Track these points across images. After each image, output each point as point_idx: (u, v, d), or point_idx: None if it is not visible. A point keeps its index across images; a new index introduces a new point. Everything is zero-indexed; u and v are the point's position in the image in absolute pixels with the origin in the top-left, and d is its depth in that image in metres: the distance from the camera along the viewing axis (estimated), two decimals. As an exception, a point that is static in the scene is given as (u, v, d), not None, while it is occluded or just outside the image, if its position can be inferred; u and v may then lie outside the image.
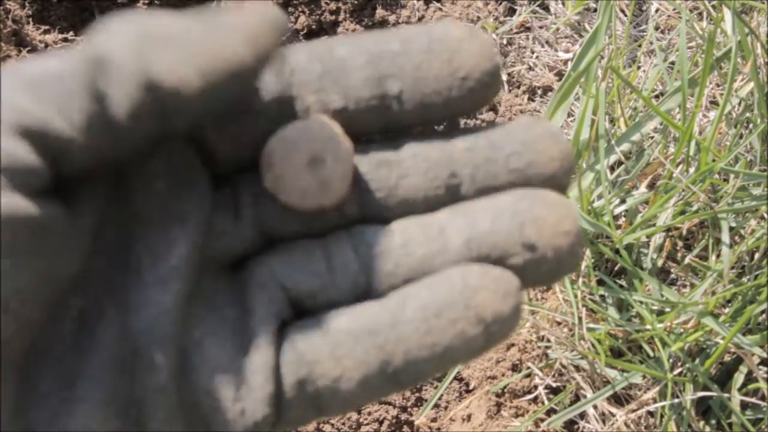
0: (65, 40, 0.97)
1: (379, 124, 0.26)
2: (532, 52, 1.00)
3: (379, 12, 0.99)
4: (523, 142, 0.26)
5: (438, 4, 1.00)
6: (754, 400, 0.77)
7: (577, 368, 0.81)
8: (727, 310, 0.77)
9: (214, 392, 0.24)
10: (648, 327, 0.77)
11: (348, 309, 0.25)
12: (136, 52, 0.22)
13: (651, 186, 0.83)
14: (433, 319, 0.24)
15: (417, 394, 0.90)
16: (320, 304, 0.26)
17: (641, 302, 0.77)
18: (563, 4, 1.02)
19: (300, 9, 0.99)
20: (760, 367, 0.77)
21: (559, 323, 0.83)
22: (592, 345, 0.79)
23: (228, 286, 0.26)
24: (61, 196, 0.22)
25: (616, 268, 0.84)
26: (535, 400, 0.83)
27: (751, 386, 0.76)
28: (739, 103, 0.85)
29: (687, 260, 0.80)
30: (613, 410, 0.78)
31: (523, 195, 0.25)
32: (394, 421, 0.88)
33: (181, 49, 0.22)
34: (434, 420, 0.89)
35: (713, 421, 0.78)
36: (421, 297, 0.24)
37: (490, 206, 0.25)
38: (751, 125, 0.83)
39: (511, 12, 1.02)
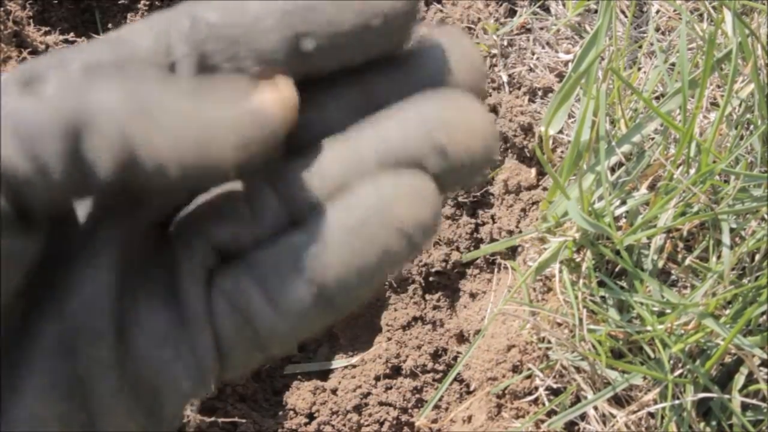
0: (66, 41, 0.97)
1: (295, 77, 0.25)
2: (533, 54, 1.01)
3: (380, 13, 0.99)
4: (436, 72, 0.26)
5: (438, 6, 1.00)
6: (754, 401, 0.77)
7: (578, 369, 0.81)
8: (727, 312, 0.77)
9: (155, 357, 0.24)
10: (649, 328, 0.77)
11: (272, 244, 0.25)
12: (122, 127, 0.22)
13: (652, 187, 0.83)
14: (356, 240, 0.24)
15: (417, 396, 0.90)
16: (244, 245, 0.26)
17: (642, 303, 0.77)
18: (564, 5, 1.02)
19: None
20: (761, 368, 0.77)
21: (559, 324, 0.83)
22: (593, 346, 0.79)
23: (153, 248, 0.26)
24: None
25: (616, 270, 0.84)
26: (535, 401, 0.83)
27: (752, 387, 0.76)
28: (740, 105, 0.85)
29: (687, 261, 0.80)
30: (614, 411, 0.78)
31: (432, 100, 0.25)
32: (394, 422, 0.88)
33: (169, 134, 0.22)
34: (435, 421, 0.89)
35: (714, 423, 0.78)
36: (341, 219, 0.24)
37: (399, 115, 0.25)
38: (751, 126, 0.83)
39: (512, 13, 1.03)
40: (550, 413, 0.82)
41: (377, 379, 0.90)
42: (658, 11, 1.00)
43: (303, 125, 0.26)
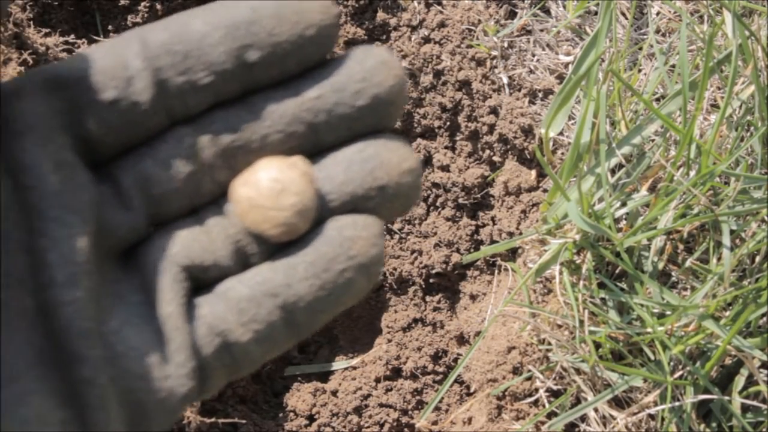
0: (66, 42, 0.97)
1: (242, 89, 0.28)
2: (533, 55, 1.01)
3: (380, 15, 0.99)
4: (363, 79, 0.29)
5: (439, 7, 1.00)
6: (754, 403, 0.77)
7: (578, 371, 0.81)
8: (728, 313, 0.77)
9: (144, 376, 0.26)
10: (649, 330, 0.77)
11: (243, 276, 0.28)
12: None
13: (652, 189, 0.83)
14: (324, 273, 0.28)
15: (418, 397, 0.90)
16: (213, 275, 0.28)
17: (642, 305, 0.77)
18: (564, 7, 1.02)
19: (301, 12, 0.99)
20: (761, 370, 0.77)
21: (560, 326, 0.83)
22: (595, 347, 0.79)
23: (126, 274, 0.28)
24: None
25: (617, 271, 0.84)
26: (536, 403, 0.83)
27: (752, 389, 0.76)
28: (740, 106, 0.85)
29: (688, 263, 0.80)
30: (614, 413, 0.78)
31: (368, 144, 0.29)
32: (395, 423, 0.88)
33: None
34: (435, 423, 0.89)
35: (714, 424, 0.78)
36: (309, 255, 0.28)
37: (343, 158, 0.29)
38: (752, 128, 0.83)
39: (512, 15, 1.03)
40: (551, 415, 0.82)
41: (377, 380, 0.90)
42: (658, 13, 1.00)
43: (249, 154, 0.29)
